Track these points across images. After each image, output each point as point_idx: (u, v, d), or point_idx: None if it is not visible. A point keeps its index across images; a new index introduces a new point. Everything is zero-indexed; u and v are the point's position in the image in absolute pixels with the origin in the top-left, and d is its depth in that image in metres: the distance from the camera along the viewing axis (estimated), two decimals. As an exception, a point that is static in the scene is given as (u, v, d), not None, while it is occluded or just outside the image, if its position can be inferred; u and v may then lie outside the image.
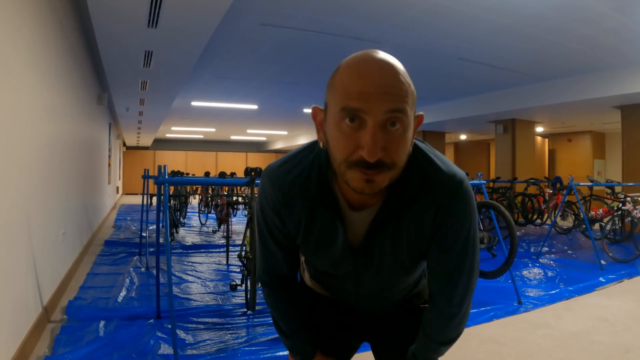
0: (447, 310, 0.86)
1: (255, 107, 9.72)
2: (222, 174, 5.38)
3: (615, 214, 5.60)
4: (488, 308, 3.19)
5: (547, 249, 5.78)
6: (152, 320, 2.86)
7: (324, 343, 1.05)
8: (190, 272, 4.33)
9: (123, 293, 3.49)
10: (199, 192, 9.21)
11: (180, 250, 5.53)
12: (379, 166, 0.66)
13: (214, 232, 7.23)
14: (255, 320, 2.95)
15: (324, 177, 0.78)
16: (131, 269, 4.32)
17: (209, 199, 7.94)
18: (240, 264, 3.26)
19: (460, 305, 0.85)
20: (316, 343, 1.04)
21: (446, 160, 0.81)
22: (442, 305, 0.86)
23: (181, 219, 7.74)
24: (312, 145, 0.83)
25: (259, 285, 1.06)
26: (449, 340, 0.89)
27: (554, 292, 3.65)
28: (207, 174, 7.86)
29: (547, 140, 12.28)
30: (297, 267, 0.99)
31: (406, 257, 0.84)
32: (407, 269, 0.89)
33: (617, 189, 6.41)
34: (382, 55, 0.68)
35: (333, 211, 0.80)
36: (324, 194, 0.79)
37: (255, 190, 3.09)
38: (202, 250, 5.57)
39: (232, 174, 6.97)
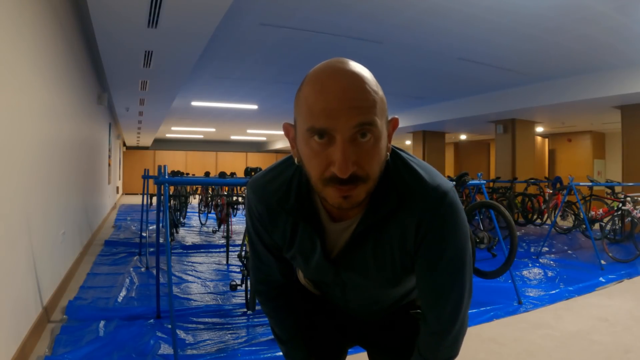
0: (437, 328, 0.82)
1: (255, 107, 9.72)
2: (222, 174, 5.39)
3: (615, 214, 5.60)
4: (488, 308, 3.19)
5: (547, 249, 5.78)
6: (152, 320, 2.86)
7: (315, 341, 1.05)
8: (190, 272, 4.33)
9: (123, 293, 3.49)
10: (199, 192, 9.22)
11: (180, 250, 5.53)
12: (353, 180, 0.64)
13: (214, 232, 7.23)
14: (255, 320, 2.95)
15: (303, 190, 0.77)
16: (131, 269, 4.32)
17: (209, 199, 7.94)
18: (240, 264, 3.26)
19: (450, 324, 0.81)
20: (311, 350, 1.03)
21: (431, 170, 0.77)
22: (431, 322, 0.83)
23: (181, 219, 7.74)
24: (292, 157, 0.81)
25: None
26: None
27: (554, 292, 3.65)
28: (207, 174, 7.86)
29: (547, 140, 12.29)
30: (290, 276, 0.98)
31: (390, 270, 0.81)
32: (393, 282, 0.85)
33: (617, 189, 6.40)
34: (345, 65, 0.65)
35: (312, 224, 0.79)
36: (303, 207, 0.78)
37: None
38: (202, 250, 5.57)
39: (232, 174, 6.97)
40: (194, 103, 9.39)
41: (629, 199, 5.28)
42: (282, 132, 15.00)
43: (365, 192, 0.67)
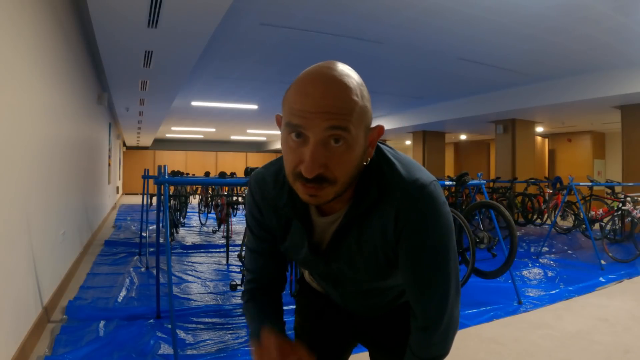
0: (424, 323, 0.82)
1: (255, 107, 9.73)
2: (222, 174, 5.38)
3: (615, 214, 5.60)
4: (488, 308, 3.19)
5: (547, 249, 5.78)
6: (152, 320, 2.87)
7: (319, 337, 1.06)
8: (190, 272, 4.33)
9: (123, 293, 3.49)
10: (199, 192, 9.22)
11: (180, 250, 5.53)
12: (318, 181, 0.68)
13: (214, 232, 7.23)
14: (255, 320, 2.94)
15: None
16: (131, 269, 4.32)
17: (209, 199, 7.94)
18: (240, 264, 3.26)
19: (437, 318, 0.81)
20: (314, 346, 1.01)
21: (412, 164, 0.79)
22: (418, 317, 0.83)
23: (181, 219, 7.74)
24: None
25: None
26: (433, 357, 0.85)
27: (554, 292, 3.65)
28: (207, 174, 7.86)
29: (547, 140, 12.28)
30: (282, 276, 0.98)
31: (374, 262, 0.83)
32: (380, 275, 0.87)
33: (617, 189, 6.41)
34: (332, 70, 0.67)
35: (301, 219, 0.82)
36: (294, 203, 0.81)
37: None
38: (202, 250, 5.57)
39: (232, 174, 6.98)
40: (194, 103, 9.39)
41: (629, 199, 5.27)
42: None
43: (333, 193, 0.70)
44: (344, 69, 0.69)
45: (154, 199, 8.19)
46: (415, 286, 0.81)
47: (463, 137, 13.89)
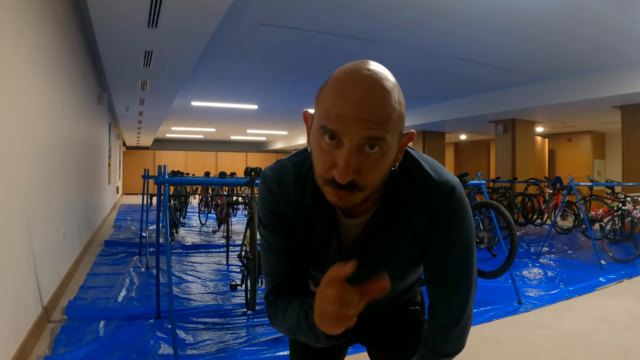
0: (446, 320, 0.84)
1: (255, 107, 9.73)
2: (222, 174, 5.38)
3: (615, 214, 5.60)
4: (488, 308, 3.19)
5: (547, 249, 5.78)
6: (152, 320, 2.87)
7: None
8: (190, 272, 4.33)
9: (123, 293, 3.49)
10: (199, 192, 9.22)
11: (180, 250, 5.53)
12: (350, 187, 0.66)
13: (214, 232, 7.23)
14: (255, 320, 2.95)
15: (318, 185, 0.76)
16: (131, 269, 4.32)
17: (209, 199, 7.94)
18: (240, 264, 3.27)
19: (459, 315, 0.83)
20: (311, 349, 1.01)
21: (439, 167, 0.80)
22: (440, 315, 0.84)
23: (181, 219, 7.74)
24: (306, 150, 0.80)
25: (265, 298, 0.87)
26: (450, 353, 0.87)
27: (554, 292, 3.65)
28: (207, 174, 7.86)
29: (547, 140, 12.28)
30: (306, 277, 0.89)
31: (399, 264, 0.83)
32: (401, 275, 0.87)
33: (617, 189, 6.41)
34: (371, 72, 0.65)
35: (329, 220, 0.80)
36: (319, 203, 0.78)
37: (256, 190, 3.10)
38: (202, 250, 5.57)
39: (232, 174, 6.97)
40: (194, 103, 9.39)
41: (629, 199, 5.28)
42: (281, 132, 14.97)
43: (362, 197, 0.69)
44: (381, 70, 0.66)
45: (154, 199, 8.19)
46: (443, 285, 0.82)
47: (463, 137, 13.89)
